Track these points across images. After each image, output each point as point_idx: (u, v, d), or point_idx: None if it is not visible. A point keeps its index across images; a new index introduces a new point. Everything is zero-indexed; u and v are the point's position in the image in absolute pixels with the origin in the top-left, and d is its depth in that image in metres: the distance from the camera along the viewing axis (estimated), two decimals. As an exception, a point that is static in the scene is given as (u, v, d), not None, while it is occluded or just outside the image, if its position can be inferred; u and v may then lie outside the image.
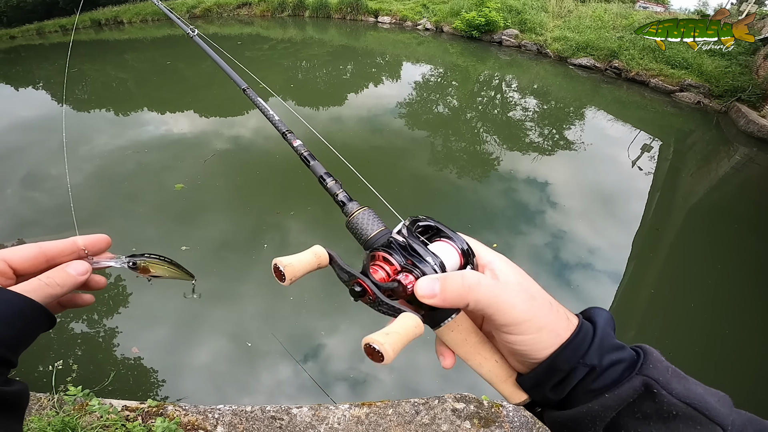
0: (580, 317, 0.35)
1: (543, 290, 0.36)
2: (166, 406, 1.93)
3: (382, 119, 7.21)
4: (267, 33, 14.45)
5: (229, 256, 3.69)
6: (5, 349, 0.36)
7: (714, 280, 3.88)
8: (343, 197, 0.49)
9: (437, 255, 0.37)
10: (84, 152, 5.76)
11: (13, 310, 0.37)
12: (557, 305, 0.35)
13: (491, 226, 4.32)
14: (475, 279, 0.33)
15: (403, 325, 0.34)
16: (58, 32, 17.24)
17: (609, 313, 0.35)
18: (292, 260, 0.39)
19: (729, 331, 3.30)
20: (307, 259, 0.40)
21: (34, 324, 0.38)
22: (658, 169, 6.16)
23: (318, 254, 0.41)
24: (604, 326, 0.33)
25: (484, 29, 12.27)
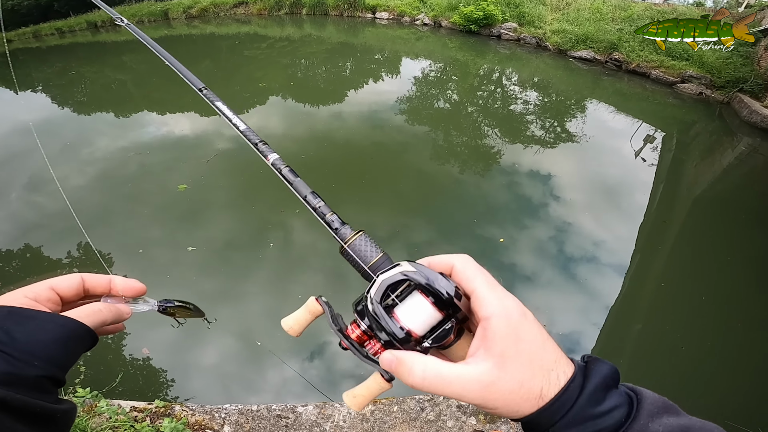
0: (573, 375, 0.33)
1: (538, 347, 0.32)
2: (173, 407, 1.94)
3: (383, 115, 7.19)
4: (265, 32, 14.41)
5: (234, 255, 3.69)
6: (58, 369, 0.38)
7: (724, 273, 3.85)
8: (334, 220, 0.46)
9: (402, 324, 0.37)
10: (86, 155, 5.77)
11: (67, 334, 0.39)
12: (545, 368, 0.32)
13: (495, 221, 4.30)
14: (418, 378, 0.33)
15: (369, 387, 0.38)
16: (54, 35, 17.23)
17: (609, 369, 0.33)
18: (291, 323, 0.42)
19: (741, 325, 3.28)
20: (304, 317, 0.43)
21: (83, 346, 0.41)
22: (662, 161, 6.12)
23: (312, 310, 0.43)
24: (591, 392, 0.31)
25: (482, 23, 12.20)
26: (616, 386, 0.33)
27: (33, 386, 0.36)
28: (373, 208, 4.50)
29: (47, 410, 0.37)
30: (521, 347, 0.32)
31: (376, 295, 0.38)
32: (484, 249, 3.90)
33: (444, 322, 0.37)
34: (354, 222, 0.47)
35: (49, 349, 0.38)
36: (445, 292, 0.36)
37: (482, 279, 0.36)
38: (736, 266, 3.95)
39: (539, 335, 0.33)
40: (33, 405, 0.36)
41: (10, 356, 0.36)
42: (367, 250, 0.43)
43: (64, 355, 0.39)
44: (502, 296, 0.34)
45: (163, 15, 17.47)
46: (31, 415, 0.36)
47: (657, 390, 0.48)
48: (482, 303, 0.34)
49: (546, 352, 0.32)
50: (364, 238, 0.43)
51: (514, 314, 0.33)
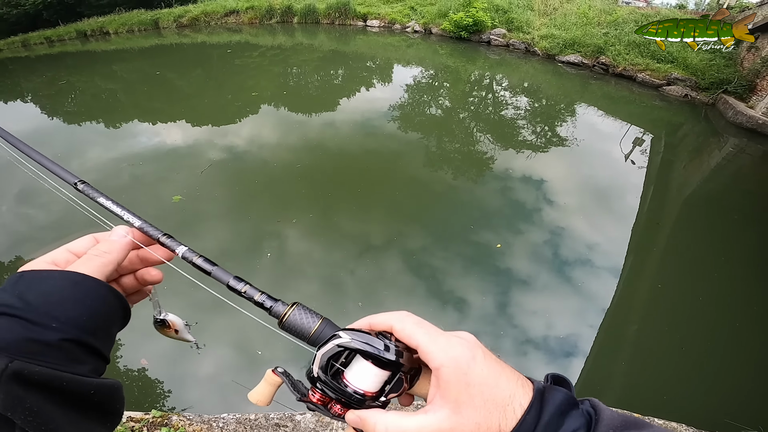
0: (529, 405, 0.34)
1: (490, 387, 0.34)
2: (170, 416, 1.92)
3: (376, 123, 7.23)
4: (256, 40, 14.45)
5: (232, 266, 3.65)
6: (82, 331, 0.35)
7: (719, 272, 3.90)
8: (265, 300, 0.46)
9: (354, 387, 0.39)
10: (76, 165, 5.71)
11: (83, 291, 0.37)
12: (500, 405, 0.33)
13: (489, 226, 4.34)
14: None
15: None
16: (43, 44, 17.12)
17: (563, 396, 0.34)
18: (257, 396, 0.44)
19: (739, 324, 3.32)
20: (267, 390, 0.44)
21: (104, 304, 0.38)
22: (651, 163, 6.23)
23: (271, 382, 0.44)
24: (547, 421, 0.32)
25: (472, 29, 12.37)
26: (575, 407, 0.34)
27: (58, 353, 0.33)
28: (367, 216, 4.51)
29: (75, 383, 0.33)
30: (473, 391, 0.33)
31: (321, 367, 0.40)
32: (478, 255, 3.93)
33: (393, 376, 0.39)
34: (349, 230, 0.48)
35: (66, 308, 0.35)
36: (383, 357, 0.38)
37: (422, 333, 0.36)
38: (731, 265, 4.02)
39: (490, 375, 0.34)
40: (57, 378, 0.32)
41: (26, 320, 0.33)
42: (304, 321, 0.43)
43: (86, 314, 0.36)
44: (446, 346, 0.35)
45: (154, 24, 17.46)
46: (58, 391, 0.32)
47: (657, 390, 0.49)
48: (428, 357, 0.35)
49: (499, 390, 0.33)
50: (299, 310, 0.44)
51: (461, 362, 0.34)
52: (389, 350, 0.38)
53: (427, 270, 3.65)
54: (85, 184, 0.52)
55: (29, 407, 0.31)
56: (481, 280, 3.63)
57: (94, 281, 0.38)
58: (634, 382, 2.91)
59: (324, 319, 0.44)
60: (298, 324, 0.43)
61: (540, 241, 4.15)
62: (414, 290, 3.46)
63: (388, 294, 3.44)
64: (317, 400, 0.41)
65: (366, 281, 3.56)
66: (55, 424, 0.32)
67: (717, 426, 2.28)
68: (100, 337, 0.37)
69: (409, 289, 3.47)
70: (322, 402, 0.40)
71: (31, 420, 0.31)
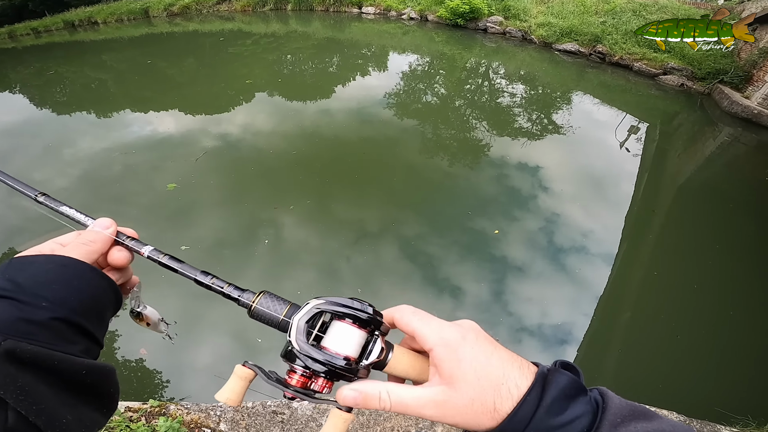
0: (530, 386, 0.33)
1: (481, 365, 0.34)
2: (168, 406, 1.93)
3: (371, 110, 7.17)
4: (249, 28, 14.20)
5: (229, 253, 3.66)
6: (72, 312, 0.35)
7: (713, 260, 3.94)
8: (232, 291, 0.46)
9: (335, 352, 0.39)
10: (68, 156, 5.63)
11: (70, 272, 0.38)
12: (494, 382, 0.33)
13: (485, 213, 4.34)
14: (385, 403, 0.36)
15: (334, 424, 0.38)
16: (30, 35, 16.72)
17: (568, 379, 0.33)
18: (227, 394, 0.41)
19: (734, 312, 3.36)
20: (238, 385, 0.42)
21: (89, 285, 0.39)
22: (646, 151, 6.24)
23: (243, 376, 0.42)
24: (549, 404, 0.32)
25: (468, 17, 12.22)
26: (582, 393, 0.33)
27: (48, 332, 0.34)
28: (363, 203, 4.50)
29: (66, 362, 0.33)
30: (464, 367, 0.34)
31: (299, 335, 0.39)
32: (474, 242, 3.94)
33: (371, 339, 0.40)
34: (345, 217, 0.48)
35: (54, 288, 0.36)
36: (360, 315, 0.39)
37: (417, 319, 0.38)
38: (725, 253, 4.05)
39: (481, 353, 0.35)
40: (49, 356, 0.32)
41: (17, 301, 0.33)
42: (272, 308, 0.43)
43: (74, 295, 0.36)
44: (438, 328, 0.37)
45: (144, 13, 17.09)
46: (49, 370, 0.32)
47: (649, 378, 0.50)
48: (423, 339, 0.37)
49: (491, 367, 0.34)
50: (267, 296, 0.44)
51: (451, 341, 0.35)
52: (365, 308, 0.39)
53: (424, 257, 3.66)
54: (45, 196, 0.51)
55: (21, 386, 0.30)
56: (477, 268, 3.65)
57: (80, 263, 0.39)
58: (627, 369, 2.96)
59: (292, 305, 0.43)
60: (266, 311, 0.43)
61: (535, 228, 4.17)
62: (410, 277, 3.47)
63: (385, 281, 3.45)
64: (297, 382, 0.39)
65: (363, 269, 3.57)
66: (46, 404, 0.32)
67: (707, 415, 2.32)
68: (90, 319, 0.38)
69: (406, 277, 3.48)
70: (302, 383, 0.40)
71: (22, 399, 0.31)
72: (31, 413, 0.31)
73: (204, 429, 1.86)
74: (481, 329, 0.38)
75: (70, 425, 0.33)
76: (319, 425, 2.02)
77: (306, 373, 0.40)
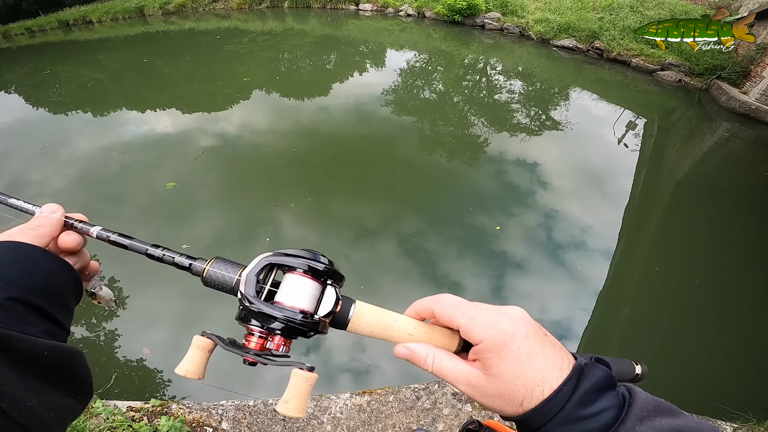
0: (566, 378, 0.34)
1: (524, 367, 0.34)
2: (170, 405, 1.93)
3: (369, 107, 7.15)
4: (246, 26, 14.12)
5: (230, 251, 3.66)
6: (26, 292, 0.35)
7: (713, 255, 3.94)
8: (184, 260, 0.44)
9: (288, 306, 0.38)
10: (65, 156, 5.60)
11: (20, 255, 0.37)
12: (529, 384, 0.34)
13: (484, 209, 4.34)
14: (429, 366, 0.38)
15: (296, 385, 0.37)
16: (24, 35, 16.58)
17: (603, 373, 0.34)
18: (187, 366, 0.39)
19: (735, 308, 3.36)
20: (198, 356, 0.40)
21: (36, 266, 0.38)
22: (644, 146, 6.25)
23: (202, 346, 0.40)
24: (582, 395, 0.33)
25: (466, 13, 12.18)
26: (612, 388, 0.34)
27: (4, 313, 0.33)
28: (362, 200, 4.50)
29: (25, 342, 0.32)
30: (503, 366, 0.34)
31: (249, 290, 0.38)
32: (473, 238, 3.94)
33: (324, 290, 0.39)
34: (344, 215, 0.47)
35: (5, 270, 0.35)
36: (312, 261, 0.38)
37: (460, 314, 0.37)
38: (725, 248, 4.06)
39: (525, 356, 0.35)
40: (6, 336, 0.31)
41: None
42: (226, 271, 0.42)
43: (25, 275, 0.36)
44: (485, 325, 0.36)
45: (139, 11, 16.96)
46: (8, 351, 0.31)
47: (650, 373, 0.49)
48: (469, 336, 0.37)
49: (532, 369, 0.34)
50: (218, 262, 0.42)
51: (498, 339, 0.35)
52: (316, 257, 0.39)
53: (423, 254, 3.66)
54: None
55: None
56: (476, 264, 3.66)
57: (31, 246, 0.39)
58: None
59: (244, 267, 0.41)
60: (219, 277, 0.41)
61: (534, 224, 4.18)
62: (409, 274, 3.48)
63: (385, 278, 3.45)
64: (256, 344, 0.38)
65: (362, 266, 3.57)
66: (9, 387, 0.30)
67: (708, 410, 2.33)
68: (48, 301, 0.37)
69: (405, 274, 3.48)
70: (261, 345, 0.38)
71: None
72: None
73: (206, 428, 1.86)
74: (531, 320, 0.37)
75: (35, 409, 0.32)
76: (320, 423, 2.02)
77: (263, 333, 0.38)
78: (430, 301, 0.40)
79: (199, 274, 0.43)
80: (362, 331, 0.41)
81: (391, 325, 0.40)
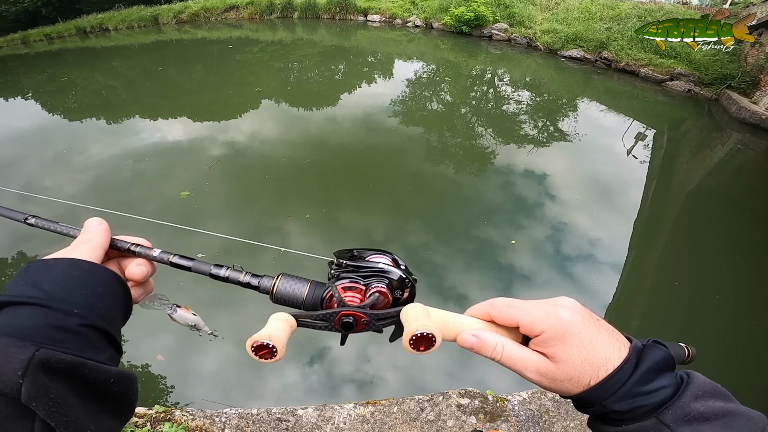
0: (626, 357, 0.36)
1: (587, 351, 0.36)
2: (173, 411, 1.93)
3: (377, 118, 7.20)
4: (256, 36, 14.39)
5: (247, 261, 3.67)
6: (99, 318, 0.35)
7: (728, 268, 3.85)
8: (250, 279, 0.45)
9: (378, 262, 0.41)
10: (78, 162, 5.71)
11: (95, 278, 0.37)
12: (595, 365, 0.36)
13: (491, 221, 4.33)
14: (498, 355, 0.39)
15: (415, 316, 0.37)
16: (43, 41, 17.08)
17: (663, 354, 0.37)
18: (273, 332, 0.36)
19: (756, 322, 3.29)
20: (283, 327, 0.37)
21: (109, 289, 0.38)
22: (653, 157, 6.20)
23: (287, 320, 0.38)
24: (642, 373, 0.35)
25: (473, 24, 12.29)
26: (671, 369, 0.37)
27: (80, 340, 0.33)
28: (369, 211, 4.51)
29: (96, 371, 0.32)
30: (571, 352, 0.36)
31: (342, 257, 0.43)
32: (480, 250, 3.92)
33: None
34: (352, 225, 0.49)
35: (82, 294, 0.35)
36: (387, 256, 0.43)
37: (516, 311, 0.39)
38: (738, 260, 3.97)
39: (587, 340, 0.37)
40: (81, 365, 0.31)
41: (47, 308, 0.32)
42: (294, 288, 0.43)
43: (100, 301, 0.36)
44: (543, 315, 0.38)
45: (153, 20, 17.39)
46: (80, 379, 0.31)
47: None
48: (530, 329, 0.38)
49: (596, 352, 0.36)
50: (285, 279, 0.44)
51: (559, 327, 0.37)
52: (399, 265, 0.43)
53: (429, 266, 3.65)
54: (36, 218, 0.50)
55: (53, 397, 0.30)
56: (483, 276, 3.63)
57: (102, 269, 0.39)
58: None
59: (312, 282, 0.43)
60: (289, 293, 0.43)
61: (542, 237, 4.14)
62: (416, 286, 3.46)
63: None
64: (356, 297, 0.41)
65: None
66: (74, 416, 0.31)
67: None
68: (112, 324, 0.37)
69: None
70: (362, 297, 0.41)
71: (54, 411, 0.30)
72: (61, 425, 0.30)
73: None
74: (584, 307, 0.39)
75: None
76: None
77: (366, 281, 0.41)
78: (485, 306, 0.41)
79: (267, 293, 0.44)
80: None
81: (456, 321, 0.41)
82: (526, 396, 2.16)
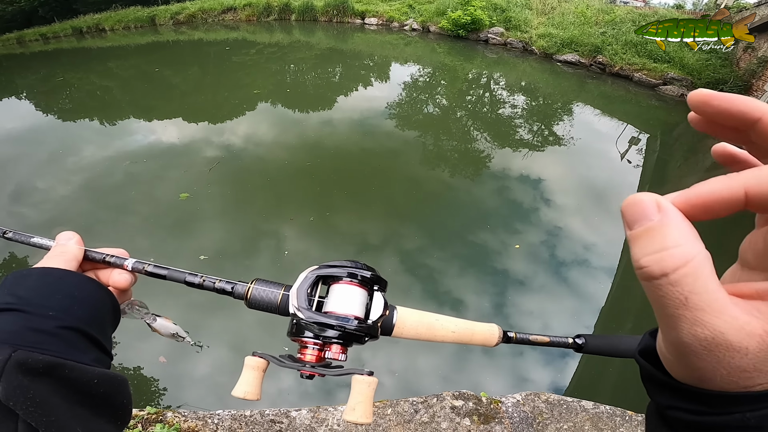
0: None
1: None
2: (165, 413, 1.92)
3: (373, 121, 7.22)
4: (254, 37, 14.39)
5: (249, 263, 3.63)
6: (78, 320, 0.35)
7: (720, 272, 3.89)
8: (224, 285, 0.45)
9: (341, 314, 0.39)
10: (71, 164, 5.66)
11: (70, 284, 0.37)
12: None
13: (486, 226, 4.34)
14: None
15: (360, 391, 0.37)
16: (38, 41, 16.97)
17: None
18: (246, 387, 0.39)
19: None
20: (254, 376, 0.40)
21: (84, 291, 0.38)
22: (647, 162, 6.26)
23: (256, 366, 0.40)
24: None
25: (470, 28, 12.37)
26: None
27: (58, 341, 0.33)
28: (364, 215, 4.50)
29: (77, 371, 0.33)
30: None
31: (301, 303, 0.39)
32: (475, 254, 3.93)
33: (371, 296, 0.41)
34: (347, 229, 0.49)
35: (57, 298, 0.35)
36: (360, 270, 0.39)
37: None
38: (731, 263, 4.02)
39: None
40: (60, 365, 0.31)
41: (24, 312, 0.33)
42: (269, 292, 0.43)
43: (76, 304, 0.36)
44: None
45: (150, 21, 17.35)
46: (61, 380, 0.32)
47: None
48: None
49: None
50: (259, 284, 0.43)
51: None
52: (360, 266, 0.40)
53: (424, 270, 3.65)
54: (13, 232, 0.49)
55: (32, 397, 0.30)
56: (478, 280, 3.64)
57: (77, 275, 0.39)
58: (630, 379, 2.93)
59: (286, 286, 0.43)
60: (263, 297, 0.43)
61: (537, 241, 4.16)
62: (411, 290, 3.46)
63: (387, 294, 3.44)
64: (312, 356, 0.39)
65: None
66: (57, 416, 0.31)
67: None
68: (95, 328, 0.37)
69: (406, 290, 3.46)
70: (318, 357, 0.39)
71: (32, 411, 0.30)
72: (42, 425, 0.30)
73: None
74: None
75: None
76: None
77: (318, 344, 0.39)
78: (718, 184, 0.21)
79: (242, 297, 0.44)
80: (407, 335, 0.41)
81: (433, 325, 0.41)
82: (520, 398, 2.17)
